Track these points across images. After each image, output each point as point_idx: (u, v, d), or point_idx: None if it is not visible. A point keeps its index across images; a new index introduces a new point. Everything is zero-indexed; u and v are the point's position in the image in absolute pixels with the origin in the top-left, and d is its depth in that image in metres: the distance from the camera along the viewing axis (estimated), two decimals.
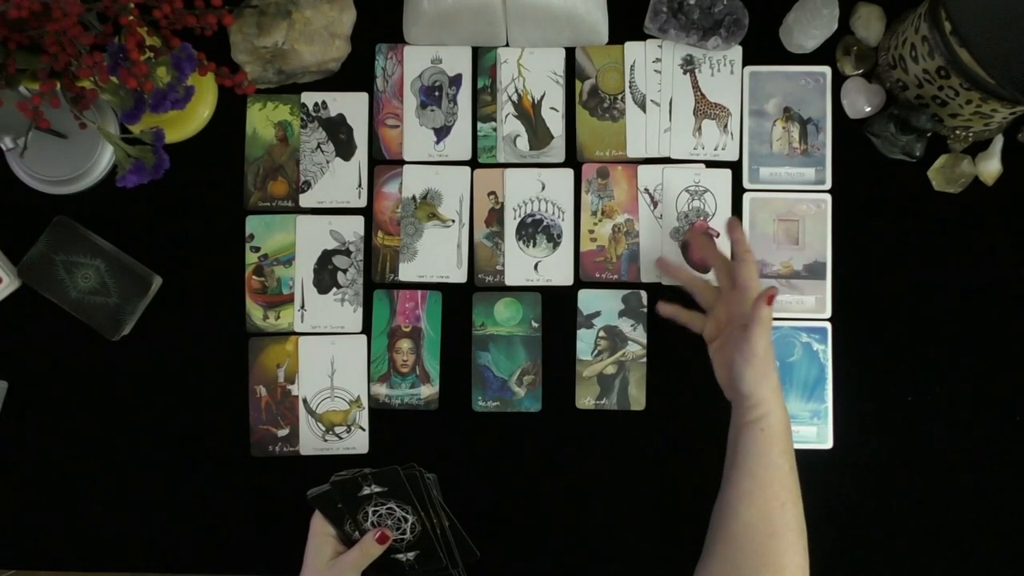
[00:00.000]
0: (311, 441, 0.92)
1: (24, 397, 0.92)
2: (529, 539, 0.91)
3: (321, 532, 0.84)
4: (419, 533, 0.85)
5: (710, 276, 0.90)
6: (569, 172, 0.93)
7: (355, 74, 0.94)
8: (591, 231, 0.93)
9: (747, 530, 0.76)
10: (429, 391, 0.92)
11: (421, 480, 0.83)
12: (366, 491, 0.83)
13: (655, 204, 0.93)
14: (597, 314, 0.92)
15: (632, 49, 0.94)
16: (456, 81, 0.94)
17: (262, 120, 0.94)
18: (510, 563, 0.91)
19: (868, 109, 0.92)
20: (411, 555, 0.86)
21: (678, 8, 0.90)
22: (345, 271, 0.93)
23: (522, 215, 0.93)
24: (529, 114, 0.94)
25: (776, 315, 0.91)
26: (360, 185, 0.94)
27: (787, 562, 0.75)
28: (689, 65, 0.93)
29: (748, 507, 0.77)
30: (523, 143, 0.94)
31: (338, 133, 0.94)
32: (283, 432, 0.92)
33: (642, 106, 0.94)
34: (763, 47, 0.93)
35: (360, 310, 0.93)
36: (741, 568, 0.75)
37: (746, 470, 0.78)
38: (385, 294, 0.93)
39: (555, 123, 0.94)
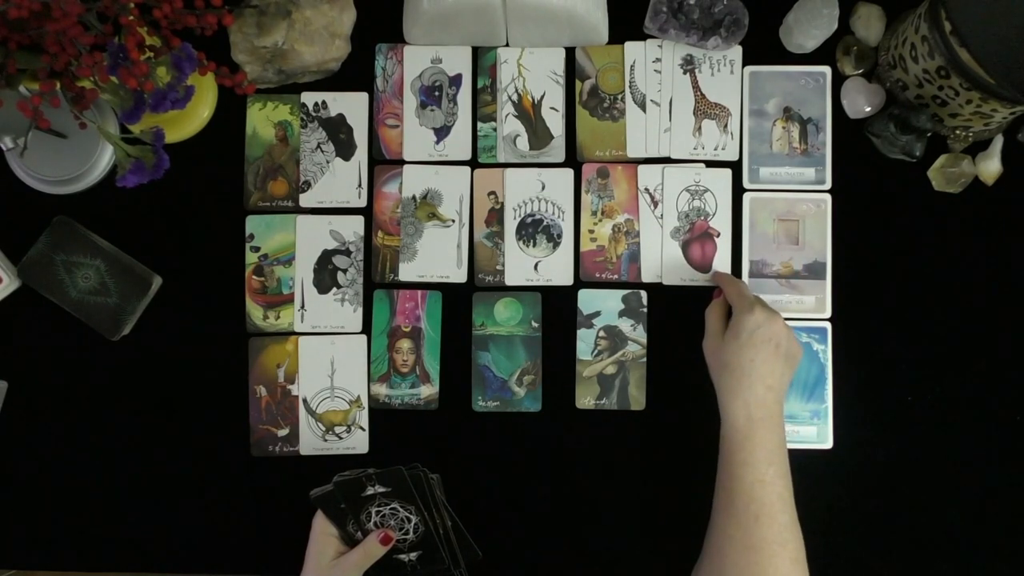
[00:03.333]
0: (311, 441, 0.92)
1: (24, 397, 0.92)
2: (529, 539, 0.91)
3: (323, 532, 0.84)
4: (422, 533, 0.85)
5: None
6: (569, 172, 0.93)
7: (355, 74, 0.94)
8: (591, 231, 0.93)
9: (728, 542, 0.77)
10: (429, 391, 0.92)
11: (425, 480, 0.83)
12: (370, 491, 0.83)
13: (655, 204, 0.93)
14: (597, 314, 0.92)
15: (632, 49, 0.94)
16: (456, 81, 0.94)
17: (262, 120, 0.94)
18: (510, 563, 0.91)
19: (868, 109, 0.92)
20: (413, 555, 0.86)
21: (678, 8, 0.90)
22: (345, 271, 0.93)
23: (522, 215, 0.93)
24: (529, 114, 0.94)
25: None
26: (360, 185, 0.94)
27: (771, 573, 0.75)
28: (689, 65, 0.93)
29: (725, 519, 0.78)
30: (523, 143, 0.94)
31: (338, 133, 0.94)
32: (283, 432, 0.92)
33: (642, 106, 0.94)
34: (763, 47, 0.93)
35: (360, 310, 0.93)
36: None
37: (719, 481, 0.80)
38: (385, 294, 0.93)
39: (555, 123, 0.94)
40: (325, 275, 0.93)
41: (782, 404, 0.81)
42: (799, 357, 0.83)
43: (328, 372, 0.92)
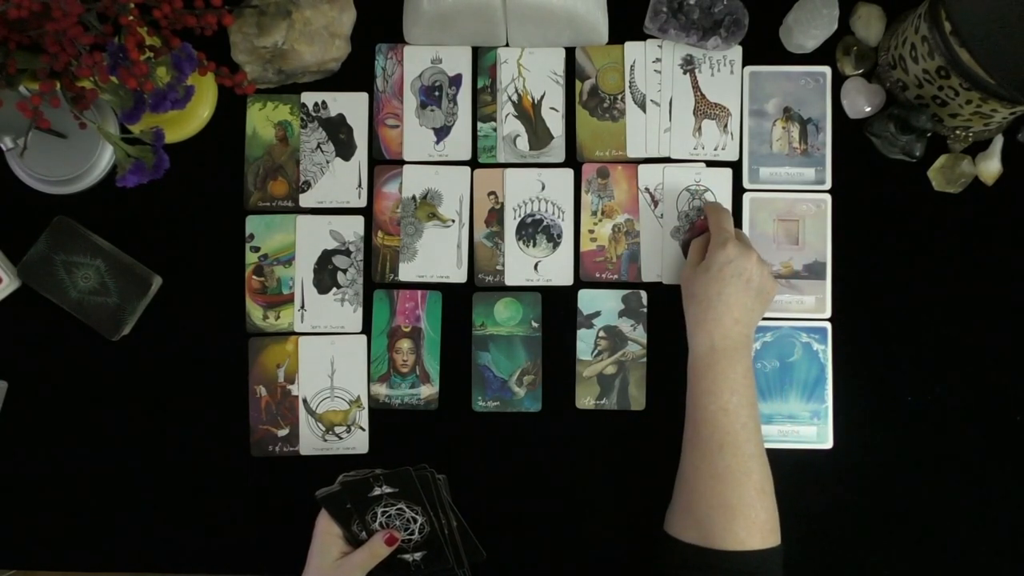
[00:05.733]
0: (311, 441, 0.92)
1: (24, 397, 0.92)
2: (529, 539, 0.91)
3: (327, 532, 0.84)
4: (427, 534, 0.85)
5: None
6: (569, 172, 0.93)
7: (355, 74, 0.94)
8: (591, 231, 0.93)
9: (694, 473, 0.79)
10: (429, 391, 0.92)
11: (432, 481, 0.83)
12: (377, 492, 0.83)
13: (655, 203, 0.93)
14: (597, 314, 0.92)
15: (632, 49, 0.94)
16: (456, 81, 0.94)
17: (262, 120, 0.94)
18: (510, 563, 0.91)
19: (868, 109, 0.92)
20: (418, 555, 0.86)
21: (678, 8, 0.90)
22: (345, 271, 0.93)
23: (522, 215, 0.93)
24: (529, 114, 0.94)
25: (776, 315, 0.91)
26: (360, 185, 0.94)
27: (735, 503, 0.76)
28: (689, 65, 0.93)
29: (691, 450, 0.80)
30: (523, 143, 0.94)
31: (338, 133, 0.94)
32: (283, 432, 0.92)
33: (642, 106, 0.94)
34: (763, 47, 0.93)
35: (360, 310, 0.93)
36: (694, 510, 0.78)
37: (686, 414, 0.82)
38: (385, 294, 0.93)
39: (555, 123, 0.94)
40: (325, 275, 0.93)
41: (750, 338, 0.82)
42: (772, 293, 0.84)
43: (328, 372, 0.92)
